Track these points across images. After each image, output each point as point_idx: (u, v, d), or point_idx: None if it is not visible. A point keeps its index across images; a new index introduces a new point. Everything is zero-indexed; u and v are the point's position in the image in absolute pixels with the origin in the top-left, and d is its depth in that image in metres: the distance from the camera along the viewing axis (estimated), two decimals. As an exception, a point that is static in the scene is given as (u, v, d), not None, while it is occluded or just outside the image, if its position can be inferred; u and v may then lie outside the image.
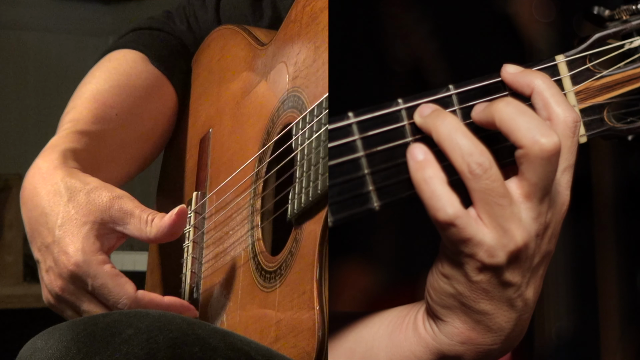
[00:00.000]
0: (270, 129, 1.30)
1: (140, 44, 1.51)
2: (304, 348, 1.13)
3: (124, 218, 1.29)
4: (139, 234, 1.29)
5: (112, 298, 1.25)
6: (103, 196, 1.29)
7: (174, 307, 1.29)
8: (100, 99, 1.44)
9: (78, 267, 1.26)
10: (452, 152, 0.97)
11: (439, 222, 0.97)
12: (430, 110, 1.00)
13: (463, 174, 0.97)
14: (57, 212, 1.29)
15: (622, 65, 1.05)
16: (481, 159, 0.96)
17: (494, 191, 0.97)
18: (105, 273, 1.26)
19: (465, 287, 1.00)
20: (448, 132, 0.97)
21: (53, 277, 1.28)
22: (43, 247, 1.30)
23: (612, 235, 2.73)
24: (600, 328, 2.70)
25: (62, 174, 1.31)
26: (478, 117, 1.00)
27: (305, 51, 1.24)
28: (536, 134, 0.96)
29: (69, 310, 1.30)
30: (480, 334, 1.02)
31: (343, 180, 0.97)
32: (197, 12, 1.55)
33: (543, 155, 0.96)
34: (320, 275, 1.13)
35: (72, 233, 1.27)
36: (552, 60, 1.04)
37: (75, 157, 1.35)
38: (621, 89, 1.05)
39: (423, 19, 2.91)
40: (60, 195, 1.30)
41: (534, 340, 2.67)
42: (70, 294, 1.28)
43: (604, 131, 1.05)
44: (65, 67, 3.64)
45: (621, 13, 1.06)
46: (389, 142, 0.99)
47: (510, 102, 0.99)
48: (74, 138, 1.37)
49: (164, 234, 1.29)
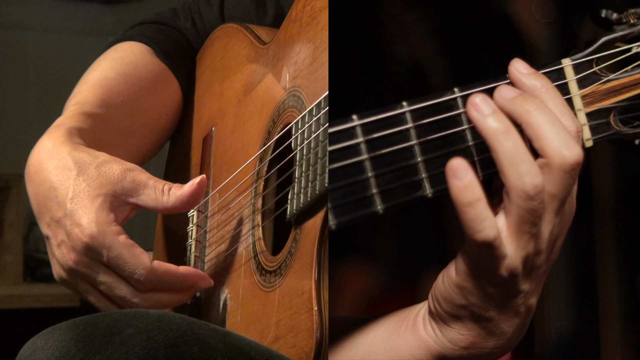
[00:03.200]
0: (270, 128, 1.30)
1: (147, 37, 1.52)
2: (302, 348, 1.13)
3: (137, 189, 1.28)
4: (155, 203, 1.28)
5: (128, 268, 1.25)
6: (114, 169, 1.28)
7: (189, 276, 1.28)
8: (106, 85, 1.43)
9: (93, 239, 1.25)
10: (510, 170, 0.96)
11: (477, 243, 0.96)
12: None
13: (515, 191, 0.96)
14: (67, 186, 1.28)
15: (629, 69, 1.04)
16: (537, 180, 0.96)
17: (536, 212, 0.96)
18: (121, 244, 1.25)
19: (478, 298, 1.00)
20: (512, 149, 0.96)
21: (66, 250, 1.27)
22: (53, 222, 1.29)
23: (612, 236, 2.73)
24: (600, 328, 2.70)
25: (68, 148, 1.30)
26: (503, 105, 0.99)
27: (305, 51, 1.24)
28: (562, 146, 0.96)
29: (83, 284, 1.28)
30: (484, 339, 1.02)
31: (347, 183, 0.97)
32: (201, 10, 1.56)
33: (565, 168, 0.96)
34: (319, 275, 1.13)
35: (84, 205, 1.26)
36: (559, 64, 1.04)
37: (81, 136, 1.34)
38: (628, 92, 1.04)
39: (423, 19, 2.91)
40: (69, 169, 1.29)
41: (534, 340, 2.67)
42: (84, 266, 1.26)
43: (610, 135, 1.04)
44: (65, 67, 3.63)
45: (629, 16, 1.05)
46: (393, 145, 0.99)
47: (541, 107, 0.98)
48: (79, 118, 1.37)
49: (182, 203, 1.28)
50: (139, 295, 1.26)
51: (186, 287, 1.29)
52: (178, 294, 1.28)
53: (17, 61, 3.66)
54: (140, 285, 1.26)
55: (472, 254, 0.98)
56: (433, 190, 1.00)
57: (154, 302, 1.27)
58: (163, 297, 1.28)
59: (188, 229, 1.45)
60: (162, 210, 1.29)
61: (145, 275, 1.25)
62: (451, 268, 1.01)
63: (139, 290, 1.26)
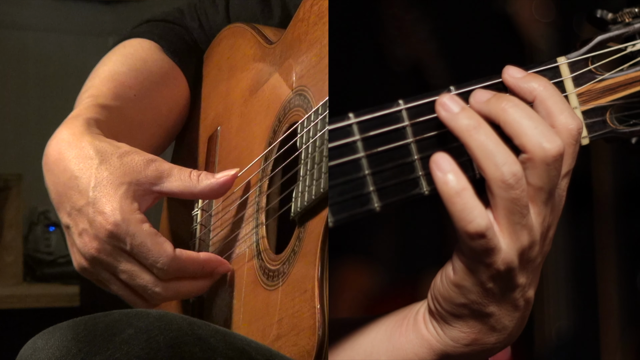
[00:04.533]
0: (276, 127, 1.30)
1: (155, 35, 1.52)
2: (304, 347, 1.13)
3: (161, 177, 1.28)
4: (182, 188, 1.28)
5: (151, 257, 1.24)
6: (136, 159, 1.28)
7: (210, 262, 1.28)
8: (118, 79, 1.43)
9: (116, 227, 1.24)
10: (487, 162, 0.96)
11: (469, 234, 0.97)
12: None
13: (495, 182, 0.96)
14: (89, 175, 1.27)
15: (625, 67, 1.05)
16: (515, 168, 0.96)
17: (520, 201, 0.97)
18: (145, 232, 1.25)
19: (478, 295, 1.00)
20: (481, 140, 0.97)
21: (88, 239, 1.27)
22: (74, 211, 1.28)
23: (612, 235, 2.73)
24: (600, 328, 2.70)
25: (89, 138, 1.30)
26: (480, 108, 1.00)
27: (312, 50, 1.25)
28: (541, 139, 0.96)
29: (105, 273, 1.28)
30: (485, 335, 1.02)
31: (343, 180, 0.97)
32: (207, 11, 1.56)
33: (547, 161, 0.96)
34: (322, 274, 1.13)
35: (107, 194, 1.26)
36: (554, 62, 1.04)
37: (98, 126, 1.34)
38: (623, 91, 1.05)
39: (423, 19, 2.91)
40: (90, 159, 1.28)
41: (534, 340, 2.67)
42: (107, 254, 1.26)
43: (606, 133, 1.05)
44: (65, 67, 3.64)
45: (624, 16, 1.06)
46: (389, 143, 0.99)
47: (517, 104, 0.98)
48: (95, 110, 1.37)
49: (212, 190, 1.28)
50: (160, 284, 1.26)
51: (207, 273, 1.29)
52: (198, 281, 1.29)
53: (17, 61, 3.66)
54: (163, 274, 1.25)
55: (467, 250, 0.98)
56: (430, 188, 1.00)
57: (175, 291, 1.27)
58: (184, 286, 1.28)
59: (192, 227, 1.45)
60: (189, 195, 1.29)
61: (169, 264, 1.25)
62: (448, 268, 1.02)
63: (161, 279, 1.26)
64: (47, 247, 3.55)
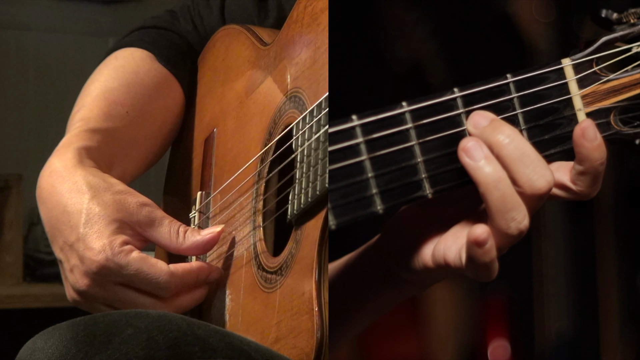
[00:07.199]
0: (272, 129, 1.30)
1: (147, 42, 1.51)
2: (303, 349, 1.13)
3: (152, 224, 1.29)
4: (168, 243, 1.29)
5: (151, 280, 1.24)
6: (130, 200, 1.28)
7: (202, 269, 1.29)
8: (110, 97, 1.43)
9: (107, 261, 1.24)
10: (498, 216, 0.96)
11: (513, 234, 0.97)
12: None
13: (499, 231, 0.97)
14: (79, 209, 1.28)
15: (629, 68, 1.04)
16: (523, 225, 0.97)
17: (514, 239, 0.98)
18: (137, 259, 1.24)
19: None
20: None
21: (79, 275, 1.27)
22: (66, 246, 1.29)
23: (612, 236, 2.73)
24: (600, 328, 2.70)
25: (81, 172, 1.30)
26: (479, 135, 0.98)
27: (306, 52, 1.24)
28: (533, 177, 0.96)
29: (100, 305, 1.28)
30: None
31: (347, 183, 0.97)
32: (201, 12, 1.55)
33: (539, 195, 0.97)
34: (320, 276, 1.13)
35: (98, 230, 1.26)
36: (558, 64, 1.03)
37: (90, 155, 1.34)
38: (628, 92, 1.04)
39: (423, 19, 2.91)
40: (82, 193, 1.28)
41: (534, 340, 2.67)
42: (100, 288, 1.26)
43: (610, 135, 1.04)
44: (65, 67, 3.64)
45: (629, 16, 1.05)
46: (392, 146, 0.99)
47: (512, 137, 0.98)
48: (86, 136, 1.37)
49: (197, 249, 1.29)
50: (160, 305, 1.26)
51: (201, 281, 1.29)
52: (195, 292, 1.29)
53: (17, 61, 3.66)
54: (165, 293, 1.26)
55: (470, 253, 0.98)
56: (433, 190, 1.00)
57: (176, 307, 1.28)
58: (184, 300, 1.29)
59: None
60: (175, 250, 1.30)
61: (169, 280, 1.25)
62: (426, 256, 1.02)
63: (162, 298, 1.27)
64: (47, 247, 3.54)
